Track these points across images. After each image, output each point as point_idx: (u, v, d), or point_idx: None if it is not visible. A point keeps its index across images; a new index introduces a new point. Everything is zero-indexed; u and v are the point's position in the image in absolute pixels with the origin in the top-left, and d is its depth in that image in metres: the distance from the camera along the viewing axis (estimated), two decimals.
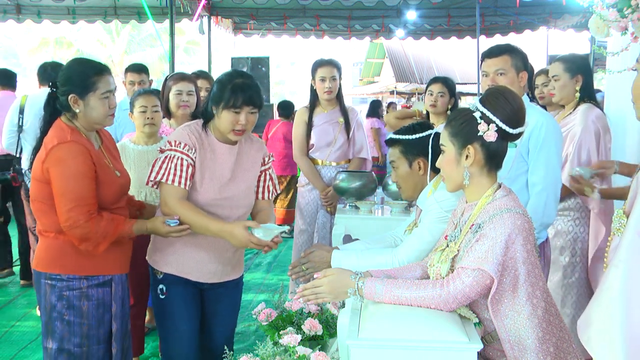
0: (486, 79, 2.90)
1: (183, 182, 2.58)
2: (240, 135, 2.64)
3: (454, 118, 2.04)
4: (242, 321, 4.65)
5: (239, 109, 2.56)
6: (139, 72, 4.95)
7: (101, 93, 2.51)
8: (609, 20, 3.00)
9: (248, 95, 2.56)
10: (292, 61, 40.23)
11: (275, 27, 11.06)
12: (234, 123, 2.58)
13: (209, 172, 2.65)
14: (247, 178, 2.76)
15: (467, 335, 1.79)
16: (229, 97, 2.55)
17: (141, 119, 3.56)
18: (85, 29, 25.04)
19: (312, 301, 2.11)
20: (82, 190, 2.44)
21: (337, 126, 4.39)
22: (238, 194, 2.71)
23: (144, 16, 9.23)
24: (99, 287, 2.58)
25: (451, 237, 2.07)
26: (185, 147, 2.60)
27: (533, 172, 2.81)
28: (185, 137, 2.62)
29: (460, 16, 10.24)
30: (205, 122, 2.70)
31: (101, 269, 2.58)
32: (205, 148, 2.66)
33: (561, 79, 3.56)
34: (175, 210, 2.56)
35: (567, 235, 3.55)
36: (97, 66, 2.56)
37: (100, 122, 2.56)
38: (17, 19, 9.50)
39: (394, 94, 21.63)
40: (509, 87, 2.55)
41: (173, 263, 2.73)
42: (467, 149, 1.99)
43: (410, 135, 2.61)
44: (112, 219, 2.52)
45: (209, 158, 2.66)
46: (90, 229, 2.45)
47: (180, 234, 2.56)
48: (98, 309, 2.57)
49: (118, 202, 2.64)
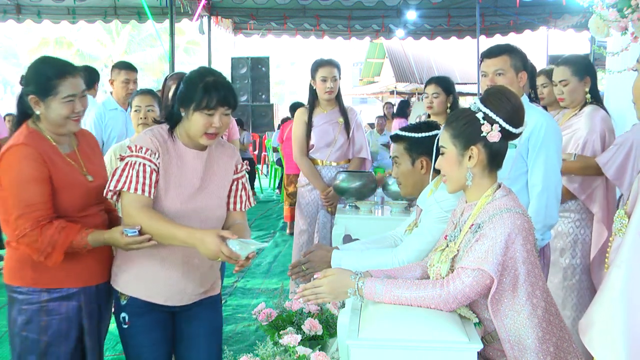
0: (485, 79, 2.90)
1: (147, 190, 2.31)
2: (213, 139, 2.38)
3: (455, 119, 2.03)
4: (242, 321, 4.66)
5: (212, 110, 2.30)
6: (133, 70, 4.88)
7: (62, 97, 2.31)
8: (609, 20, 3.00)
9: (222, 95, 2.31)
10: (292, 61, 40.20)
11: (275, 27, 11.08)
12: (207, 126, 2.32)
13: (175, 180, 2.38)
14: (218, 187, 2.48)
15: (467, 335, 1.79)
16: (201, 97, 2.29)
17: (135, 118, 3.59)
18: (85, 29, 25.03)
19: (312, 301, 2.11)
20: (30, 196, 2.24)
21: (337, 126, 4.39)
22: (208, 205, 2.44)
23: (144, 16, 9.24)
24: (62, 301, 2.36)
25: (451, 237, 2.07)
26: (147, 152, 2.32)
27: (533, 173, 2.80)
28: (147, 141, 2.35)
29: (460, 16, 10.25)
30: (171, 126, 2.43)
31: (64, 280, 2.36)
32: (171, 154, 2.39)
33: (570, 82, 3.51)
34: (138, 220, 2.28)
35: (568, 237, 3.55)
36: (61, 68, 2.35)
37: (62, 125, 2.36)
38: (17, 19, 9.51)
39: (394, 94, 21.62)
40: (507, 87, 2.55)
41: (138, 284, 2.43)
42: (471, 150, 1.98)
43: (415, 133, 2.61)
44: (62, 228, 2.27)
45: (175, 164, 2.39)
46: (35, 237, 2.23)
47: (140, 245, 2.27)
48: (61, 324, 2.35)
49: (87, 209, 2.42)
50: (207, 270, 2.51)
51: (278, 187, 11.75)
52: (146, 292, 2.42)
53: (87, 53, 29.20)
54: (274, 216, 9.46)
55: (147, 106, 3.57)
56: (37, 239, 2.24)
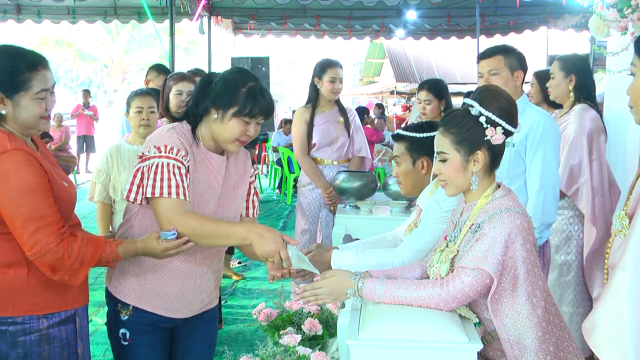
0: (481, 79, 2.93)
1: (187, 194, 2.12)
2: (242, 146, 2.24)
3: (455, 125, 1.98)
4: (242, 321, 4.66)
5: (252, 119, 2.15)
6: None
7: (35, 92, 2.00)
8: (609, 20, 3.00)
9: (267, 104, 2.15)
10: (292, 61, 40.22)
11: (275, 27, 11.09)
12: (242, 133, 2.16)
13: (199, 187, 2.21)
14: (237, 195, 2.35)
15: (467, 335, 1.79)
16: (244, 103, 2.12)
17: (137, 119, 3.55)
18: (85, 29, 25.07)
19: (312, 302, 2.11)
20: (42, 206, 1.97)
21: (338, 125, 4.42)
22: (229, 214, 2.31)
23: (144, 16, 9.25)
24: (61, 326, 2.12)
25: (450, 237, 2.07)
26: (178, 153, 2.13)
27: (530, 171, 2.82)
28: (176, 141, 2.15)
29: (460, 16, 10.26)
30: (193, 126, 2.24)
31: (62, 302, 2.12)
32: (195, 157, 2.21)
33: (556, 77, 3.60)
34: (186, 224, 2.09)
35: (562, 233, 3.58)
36: (31, 59, 2.02)
37: (33, 126, 2.05)
38: (17, 19, 9.53)
39: (394, 94, 21.63)
40: (503, 86, 2.56)
41: (142, 292, 2.26)
42: (476, 154, 1.97)
43: (418, 133, 2.60)
44: (89, 240, 2.06)
45: (199, 170, 2.21)
46: (62, 253, 1.97)
47: (179, 249, 2.08)
48: (62, 351, 2.12)
49: (72, 218, 2.20)
50: (215, 283, 2.41)
51: (278, 187, 11.75)
52: (153, 303, 2.26)
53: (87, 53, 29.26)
54: (274, 216, 9.46)
55: (149, 107, 3.55)
56: (63, 255, 1.97)
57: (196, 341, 2.43)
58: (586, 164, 3.46)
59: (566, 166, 3.46)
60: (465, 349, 1.76)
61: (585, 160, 3.45)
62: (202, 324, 2.43)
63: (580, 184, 3.48)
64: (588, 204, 3.46)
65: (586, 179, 3.46)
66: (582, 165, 3.46)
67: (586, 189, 3.46)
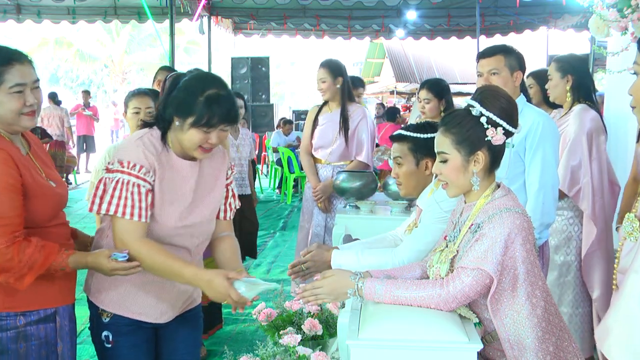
0: (480, 79, 2.92)
1: (143, 215, 2.08)
2: (208, 152, 2.16)
3: (456, 125, 1.98)
4: (242, 321, 4.66)
5: (212, 128, 2.08)
6: None
7: (9, 87, 1.99)
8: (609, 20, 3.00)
9: (225, 111, 2.08)
10: (292, 61, 40.23)
11: (275, 27, 11.10)
12: (203, 142, 2.10)
13: (170, 195, 2.16)
14: (211, 200, 2.29)
15: (467, 335, 1.79)
16: (201, 114, 2.05)
17: (134, 120, 3.51)
18: (85, 29, 25.06)
19: (311, 302, 2.10)
20: (4, 208, 1.96)
21: (337, 127, 4.40)
22: (202, 220, 2.25)
23: (144, 16, 9.25)
24: (40, 324, 2.10)
25: (450, 237, 2.07)
26: (141, 171, 2.08)
27: (530, 171, 2.82)
28: (141, 157, 2.10)
29: (460, 16, 10.27)
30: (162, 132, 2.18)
31: (42, 300, 2.11)
32: (164, 167, 2.15)
33: (553, 78, 3.59)
34: (139, 254, 2.08)
35: (562, 234, 3.58)
36: (4, 54, 2.03)
37: (13, 122, 2.04)
38: (17, 19, 9.54)
39: (394, 94, 21.63)
40: (502, 86, 2.56)
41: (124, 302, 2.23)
42: (476, 155, 1.97)
43: (422, 133, 2.59)
44: (42, 247, 2.01)
45: (169, 178, 2.16)
46: (12, 255, 1.95)
47: (127, 272, 2.06)
48: (40, 350, 2.10)
49: (56, 218, 2.18)
50: None
51: (278, 187, 11.76)
52: (133, 310, 2.23)
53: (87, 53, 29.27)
54: (274, 216, 9.46)
55: (147, 108, 3.52)
56: (12, 257, 1.95)
57: (179, 341, 2.39)
58: (587, 165, 3.46)
59: (567, 167, 3.46)
60: (465, 349, 1.76)
61: (586, 161, 3.45)
62: (184, 322, 2.38)
63: (582, 185, 3.48)
64: (589, 204, 3.46)
65: (587, 179, 3.46)
66: (582, 166, 3.46)
67: (588, 190, 3.46)
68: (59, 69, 32.69)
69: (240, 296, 2.04)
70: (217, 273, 2.08)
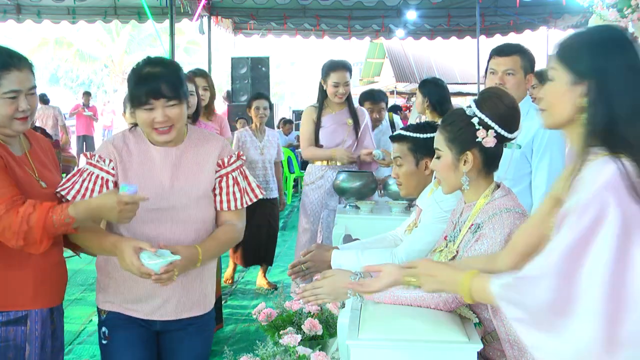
0: (494, 76, 2.85)
1: None
2: (167, 133, 2.16)
3: (450, 122, 2.01)
4: (242, 321, 4.66)
5: (148, 105, 2.09)
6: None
7: (3, 92, 2.02)
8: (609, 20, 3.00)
9: (152, 87, 2.08)
10: (292, 61, 40.20)
11: (275, 27, 11.08)
12: (150, 122, 2.12)
13: (140, 181, 2.16)
14: (190, 185, 2.23)
15: (467, 335, 1.79)
16: (132, 95, 2.13)
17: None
18: (85, 29, 25.05)
19: (312, 302, 2.10)
20: None
21: (346, 127, 4.37)
22: (179, 204, 2.20)
23: (144, 16, 9.24)
24: (9, 326, 2.07)
25: (450, 237, 2.07)
26: (99, 160, 2.19)
27: (537, 174, 2.80)
28: (103, 148, 2.24)
29: (460, 16, 10.26)
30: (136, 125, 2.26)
31: (13, 302, 2.07)
32: (133, 155, 2.21)
33: None
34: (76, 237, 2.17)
35: None
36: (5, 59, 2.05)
37: (5, 126, 2.07)
38: (17, 19, 9.52)
39: (394, 94, 21.62)
40: (515, 88, 2.54)
41: (115, 298, 2.25)
42: (466, 154, 1.97)
43: (421, 133, 2.59)
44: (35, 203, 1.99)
45: (138, 165, 2.20)
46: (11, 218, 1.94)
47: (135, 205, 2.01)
48: (7, 352, 2.07)
49: None
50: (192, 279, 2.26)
51: None
52: (125, 306, 2.23)
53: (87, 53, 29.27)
54: None
55: None
56: (12, 220, 1.94)
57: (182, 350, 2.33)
58: None
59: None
60: (465, 349, 1.76)
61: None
62: (187, 336, 2.31)
63: None
64: None
65: None
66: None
67: None
68: (59, 69, 32.67)
69: (141, 266, 1.97)
70: (128, 242, 2.04)
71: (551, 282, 1.32)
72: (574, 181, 1.40)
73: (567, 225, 1.35)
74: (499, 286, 1.43)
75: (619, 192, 1.32)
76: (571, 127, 1.50)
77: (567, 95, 1.47)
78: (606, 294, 1.28)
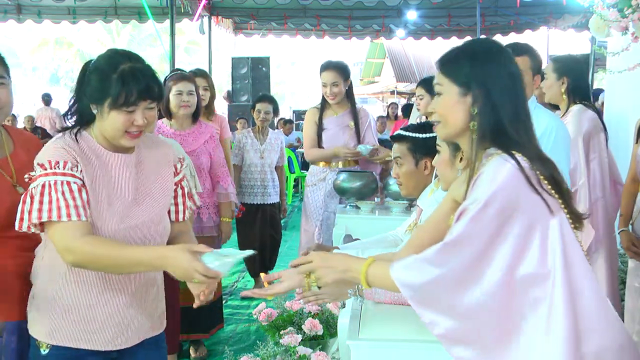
0: None
1: (82, 213, 1.80)
2: (137, 137, 1.91)
3: None
4: (242, 321, 4.66)
5: (133, 107, 1.84)
6: None
7: None
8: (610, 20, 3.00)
9: (144, 86, 1.83)
10: (293, 61, 40.22)
11: (275, 27, 11.09)
12: (128, 125, 1.85)
13: (105, 194, 1.88)
14: (159, 195, 2.00)
15: None
16: (118, 92, 1.81)
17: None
18: (86, 29, 25.11)
19: (312, 302, 2.10)
20: None
21: (348, 130, 4.33)
22: (148, 219, 1.95)
23: (144, 16, 9.25)
24: None
25: None
26: (66, 166, 1.82)
27: None
28: (61, 152, 1.84)
29: (461, 16, 10.26)
30: (80, 128, 1.92)
31: None
32: (93, 163, 1.89)
33: (549, 78, 3.57)
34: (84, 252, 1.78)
35: None
36: None
37: None
38: (18, 19, 9.53)
39: (394, 94, 21.64)
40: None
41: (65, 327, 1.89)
42: (461, 152, 1.98)
43: (420, 133, 2.59)
44: None
45: (101, 176, 1.89)
46: None
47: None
48: None
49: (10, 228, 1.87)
50: (152, 300, 2.04)
51: None
52: (77, 336, 1.89)
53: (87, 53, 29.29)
54: None
55: None
56: None
57: None
58: (583, 167, 3.44)
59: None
60: None
61: (582, 163, 3.44)
62: (144, 352, 2.03)
63: (579, 187, 3.47)
64: (587, 206, 3.45)
65: (583, 181, 3.45)
66: (578, 168, 3.45)
67: (584, 192, 3.46)
68: (59, 69, 32.69)
69: (207, 270, 1.72)
70: (180, 248, 1.77)
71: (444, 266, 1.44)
72: (472, 182, 1.51)
73: (466, 217, 1.45)
74: (397, 268, 1.52)
75: (518, 187, 1.44)
76: (464, 135, 1.61)
77: (458, 107, 1.59)
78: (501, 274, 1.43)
